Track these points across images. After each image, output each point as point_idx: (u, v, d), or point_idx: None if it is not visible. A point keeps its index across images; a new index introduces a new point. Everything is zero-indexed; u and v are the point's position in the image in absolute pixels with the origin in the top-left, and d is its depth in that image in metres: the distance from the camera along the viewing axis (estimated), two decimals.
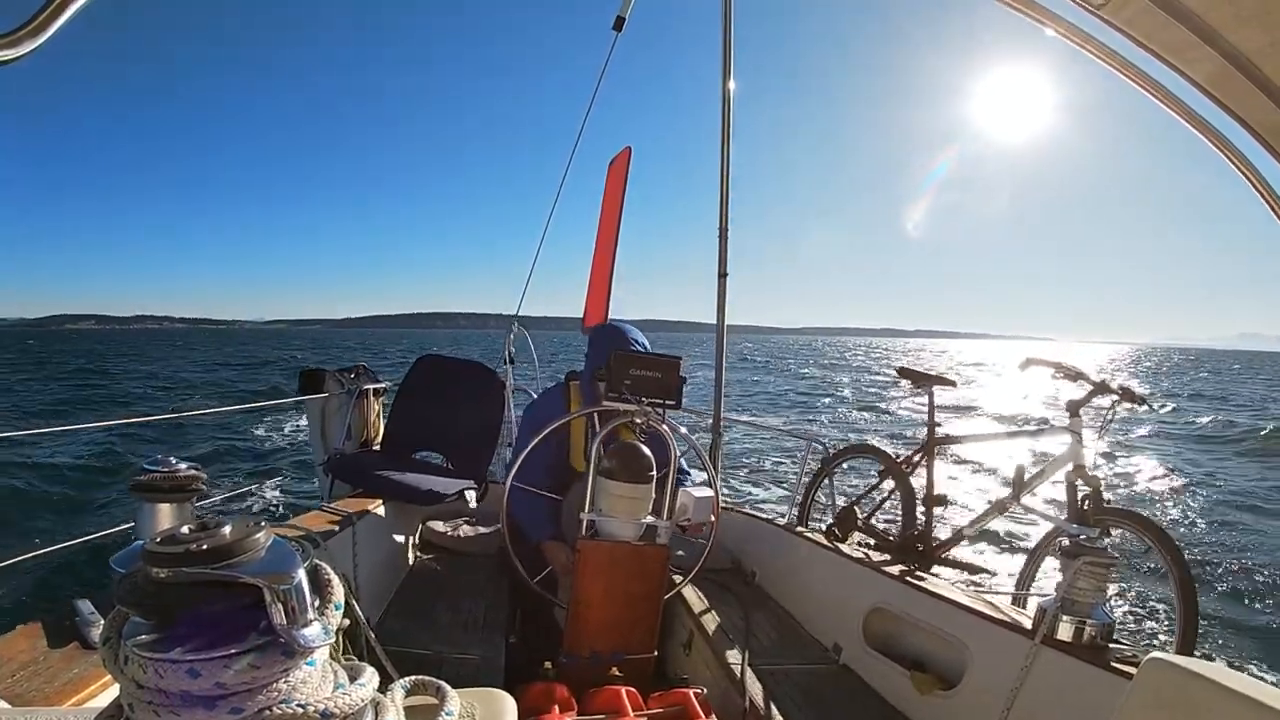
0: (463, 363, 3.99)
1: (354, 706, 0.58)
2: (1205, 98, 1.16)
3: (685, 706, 2.03)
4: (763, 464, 13.48)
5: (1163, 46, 1.12)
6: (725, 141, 4.03)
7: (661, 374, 2.58)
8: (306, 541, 0.65)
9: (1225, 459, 16.64)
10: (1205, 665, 1.23)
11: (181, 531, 0.53)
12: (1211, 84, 1.13)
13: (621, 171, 5.57)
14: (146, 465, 1.56)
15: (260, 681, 0.52)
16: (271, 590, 0.51)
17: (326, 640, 0.55)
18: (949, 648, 2.22)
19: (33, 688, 1.15)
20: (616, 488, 2.40)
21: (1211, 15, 1.02)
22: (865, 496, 3.26)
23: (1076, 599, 1.86)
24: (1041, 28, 1.22)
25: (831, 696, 2.29)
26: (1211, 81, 1.12)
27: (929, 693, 2.17)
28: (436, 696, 0.75)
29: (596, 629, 2.41)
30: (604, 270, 5.56)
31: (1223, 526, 10.20)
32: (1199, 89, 1.15)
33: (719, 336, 4.07)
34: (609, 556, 2.41)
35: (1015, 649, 1.94)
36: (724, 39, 4.01)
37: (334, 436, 3.55)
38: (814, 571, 2.95)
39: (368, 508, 2.81)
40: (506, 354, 5.10)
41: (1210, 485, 13.00)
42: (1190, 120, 1.22)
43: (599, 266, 5.61)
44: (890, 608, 2.48)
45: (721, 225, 4.05)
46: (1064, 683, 1.81)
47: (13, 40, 0.70)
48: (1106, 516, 2.52)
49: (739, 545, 3.47)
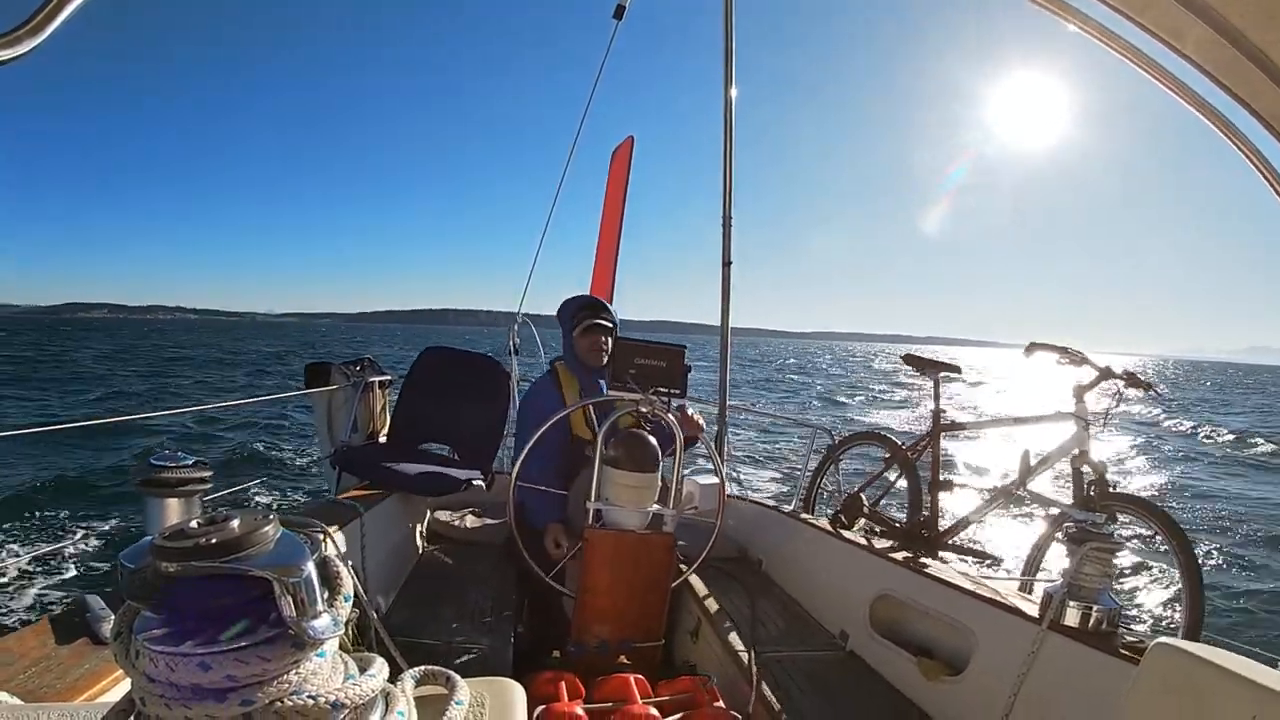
0: (468, 355, 3.99)
1: (364, 697, 0.58)
2: (1214, 85, 1.15)
3: (693, 694, 2.05)
4: (769, 452, 13.49)
5: (1167, 31, 1.10)
6: (728, 129, 4.01)
7: (666, 363, 2.58)
8: (315, 534, 0.65)
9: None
10: (1212, 650, 1.23)
11: (190, 526, 0.53)
12: (1221, 71, 1.11)
13: (624, 160, 5.55)
14: (154, 461, 1.57)
15: (271, 673, 0.53)
16: (281, 583, 0.51)
17: (336, 632, 0.56)
18: (955, 634, 2.23)
19: (44, 684, 1.16)
20: (623, 477, 2.41)
21: (1221, 3, 1.01)
22: (871, 484, 3.25)
23: (1083, 584, 1.85)
24: (1064, 23, 1.21)
25: (838, 683, 2.30)
26: (1220, 69, 1.11)
27: (936, 679, 2.17)
28: (446, 686, 0.76)
29: (604, 617, 2.42)
30: (608, 258, 5.55)
31: (1227, 510, 10.19)
32: (1207, 75, 1.13)
33: (723, 325, 4.06)
34: (616, 545, 2.42)
35: (1022, 635, 1.94)
36: (725, 25, 3.99)
37: (340, 429, 3.56)
38: (820, 559, 2.96)
39: (375, 500, 2.82)
40: (511, 346, 5.10)
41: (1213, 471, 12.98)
42: (1200, 108, 1.20)
43: (603, 254, 5.60)
44: (896, 594, 2.48)
45: (725, 214, 4.03)
46: (1070, 668, 1.81)
47: (13, 39, 0.70)
48: (1112, 502, 2.51)
49: (745, 533, 3.48)
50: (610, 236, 5.56)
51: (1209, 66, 1.11)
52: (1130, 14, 1.10)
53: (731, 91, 4.02)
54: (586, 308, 3.05)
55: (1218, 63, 1.10)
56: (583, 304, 3.08)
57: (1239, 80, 1.10)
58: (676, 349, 2.63)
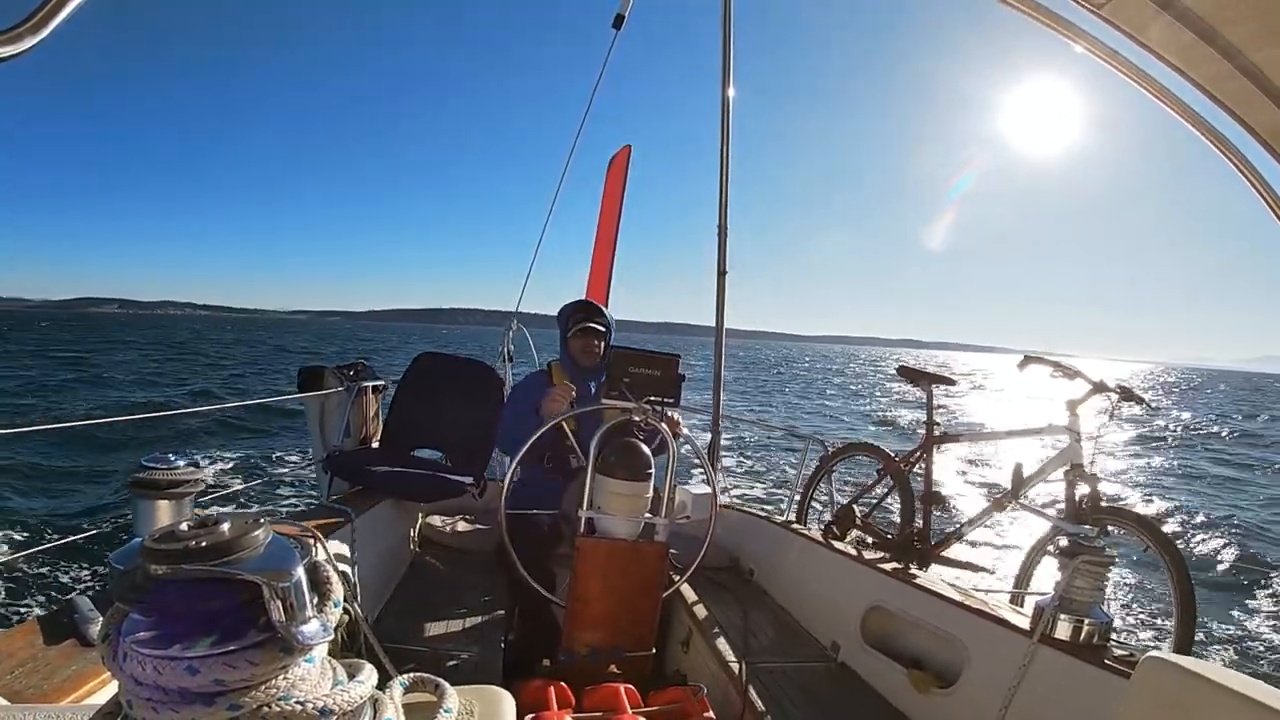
0: (461, 360, 3.99)
1: (352, 704, 0.58)
2: (1207, 98, 1.16)
3: (683, 704, 2.04)
4: (762, 462, 13.50)
5: (1163, 47, 1.12)
6: (724, 140, 4.03)
7: (660, 371, 2.59)
8: (305, 538, 0.64)
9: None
10: (1203, 665, 1.24)
11: (180, 528, 0.53)
12: (1213, 85, 1.13)
13: (621, 169, 5.58)
14: (145, 462, 1.56)
15: (259, 678, 0.52)
16: (270, 587, 0.51)
17: (325, 637, 0.55)
18: (947, 646, 2.22)
19: (31, 685, 1.15)
20: (615, 485, 2.40)
21: (1213, 17, 1.02)
22: (864, 495, 3.26)
23: (1074, 598, 1.86)
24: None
25: (829, 695, 2.29)
26: (1213, 83, 1.13)
27: (927, 691, 2.17)
28: (435, 694, 0.75)
29: (595, 626, 2.41)
30: (604, 266, 5.56)
31: (1220, 526, 10.24)
32: (1201, 90, 1.15)
33: (718, 334, 4.08)
34: (607, 554, 2.41)
35: (1013, 648, 1.94)
36: (723, 33, 4.02)
37: (333, 433, 3.54)
38: (812, 569, 2.96)
39: (367, 505, 2.81)
40: (505, 351, 5.09)
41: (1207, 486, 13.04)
42: (1193, 122, 1.22)
43: (598, 262, 5.62)
44: (888, 606, 2.48)
45: (721, 223, 4.05)
46: (1062, 681, 1.81)
47: (14, 36, 0.70)
48: (1104, 515, 2.52)
49: (737, 543, 3.47)
50: (606, 242, 5.59)
51: (1204, 83, 1.13)
52: (1132, 32, 1.11)
53: (729, 91, 4.04)
54: (581, 311, 3.24)
55: (1213, 78, 1.11)
56: (577, 307, 3.28)
57: (1238, 99, 1.12)
58: (670, 357, 2.63)
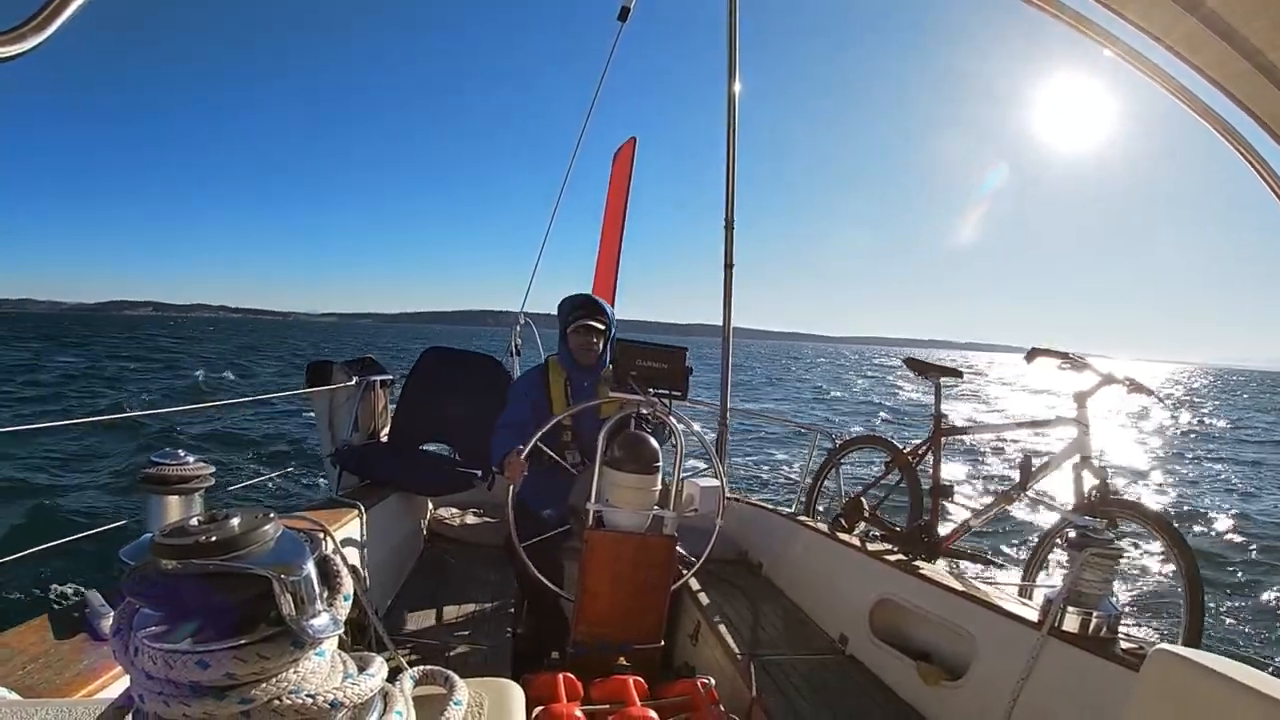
0: (469, 355, 4.00)
1: (363, 696, 0.58)
2: (1214, 88, 1.15)
3: (692, 696, 2.04)
4: (769, 455, 13.48)
5: (1171, 36, 1.11)
6: (730, 134, 4.01)
7: (668, 364, 2.58)
8: (315, 532, 0.65)
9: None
10: (1212, 658, 1.23)
11: (190, 523, 0.53)
12: (1222, 75, 1.12)
13: (626, 161, 5.56)
14: (155, 458, 1.57)
15: (269, 672, 0.52)
16: (280, 581, 0.51)
17: (335, 631, 0.55)
18: (955, 639, 2.22)
19: (43, 679, 1.17)
20: (623, 479, 2.41)
21: (1225, 9, 1.01)
22: (872, 487, 3.25)
23: (1083, 590, 1.85)
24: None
25: (838, 687, 2.29)
26: (1221, 72, 1.11)
27: (935, 684, 2.17)
28: (445, 686, 0.76)
29: (604, 619, 2.42)
30: (610, 259, 5.55)
31: (1230, 517, 10.17)
32: (1209, 79, 1.14)
33: (725, 328, 4.07)
34: (616, 547, 2.41)
35: (1022, 640, 1.94)
36: (729, 29, 3.99)
37: (342, 428, 3.56)
38: (820, 562, 2.96)
39: (376, 499, 2.82)
40: (513, 346, 5.10)
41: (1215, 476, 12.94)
42: (1200, 111, 1.20)
43: (605, 255, 5.61)
44: (896, 599, 2.48)
45: (728, 217, 4.04)
46: (1070, 674, 1.81)
47: (17, 36, 0.70)
48: (1113, 508, 2.51)
49: (745, 536, 3.47)
50: (612, 237, 5.58)
51: (1224, 82, 1.12)
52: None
53: (735, 87, 4.01)
54: (581, 307, 3.11)
55: (1232, 76, 1.10)
56: (577, 304, 3.14)
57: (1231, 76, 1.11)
58: (678, 350, 2.63)
